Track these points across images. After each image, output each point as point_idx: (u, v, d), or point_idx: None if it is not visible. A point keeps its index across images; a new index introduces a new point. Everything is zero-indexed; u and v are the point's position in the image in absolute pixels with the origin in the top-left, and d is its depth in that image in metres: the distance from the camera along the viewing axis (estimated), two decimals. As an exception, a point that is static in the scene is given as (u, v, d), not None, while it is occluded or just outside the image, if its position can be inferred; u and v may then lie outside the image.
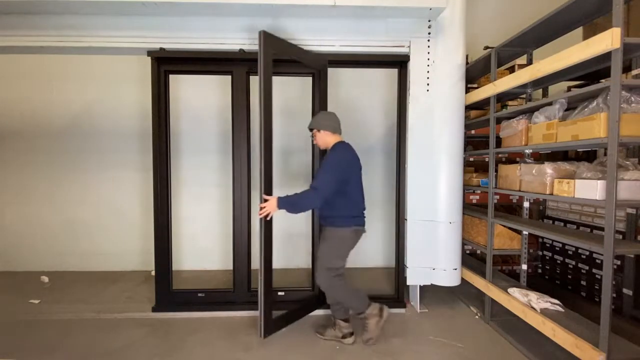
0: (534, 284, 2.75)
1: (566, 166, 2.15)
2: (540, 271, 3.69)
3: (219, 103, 3.91)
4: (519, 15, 3.44)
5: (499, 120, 2.70)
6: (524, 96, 2.93)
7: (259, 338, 2.43)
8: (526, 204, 2.67)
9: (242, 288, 2.89)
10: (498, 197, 3.55)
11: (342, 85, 3.99)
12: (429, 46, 2.79)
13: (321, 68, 2.83)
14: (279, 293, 2.94)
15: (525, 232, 2.63)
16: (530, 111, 2.42)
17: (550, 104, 2.20)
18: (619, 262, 2.73)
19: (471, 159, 3.70)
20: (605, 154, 1.87)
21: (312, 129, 2.47)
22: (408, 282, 2.91)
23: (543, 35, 2.43)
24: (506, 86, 2.49)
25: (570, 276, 3.28)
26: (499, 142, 2.73)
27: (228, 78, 2.94)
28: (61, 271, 3.88)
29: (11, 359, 2.24)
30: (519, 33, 2.41)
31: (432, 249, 2.84)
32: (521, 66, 3.13)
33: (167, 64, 2.82)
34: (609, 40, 1.67)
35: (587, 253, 3.10)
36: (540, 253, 3.68)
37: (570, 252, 3.28)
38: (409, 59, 2.81)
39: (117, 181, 3.95)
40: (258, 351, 2.35)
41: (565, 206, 3.38)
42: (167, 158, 2.88)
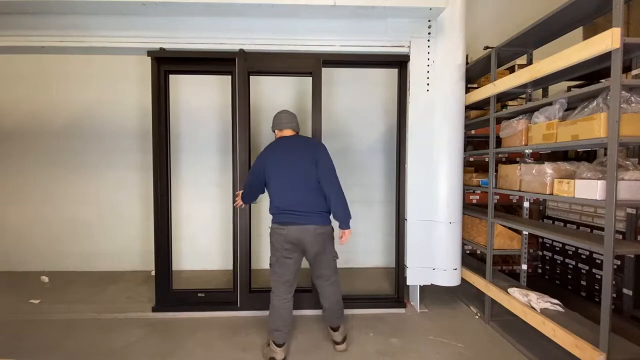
0: (534, 284, 2.75)
1: (566, 166, 2.15)
2: (540, 271, 3.69)
3: (219, 103, 3.92)
4: (519, 15, 3.44)
5: (499, 120, 2.70)
6: (524, 96, 2.93)
7: (259, 338, 2.43)
8: (526, 204, 2.67)
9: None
10: (498, 197, 3.55)
11: (342, 84, 3.99)
12: (429, 46, 2.79)
13: (314, 70, 2.83)
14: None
15: (525, 232, 2.63)
16: (530, 111, 2.42)
17: (550, 104, 2.20)
18: (619, 262, 2.73)
19: (471, 159, 3.70)
20: (605, 154, 1.87)
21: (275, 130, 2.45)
22: (408, 282, 2.91)
23: (543, 35, 2.43)
24: (506, 86, 2.49)
25: (570, 276, 3.28)
26: (499, 142, 2.73)
27: (228, 78, 2.94)
28: (61, 271, 3.88)
29: (11, 359, 2.24)
30: (519, 33, 2.41)
31: (432, 249, 2.84)
32: (521, 66, 3.13)
33: (167, 64, 2.83)
34: (609, 40, 1.67)
35: (587, 253, 3.10)
36: (540, 253, 3.68)
37: (570, 252, 3.28)
38: (409, 59, 2.81)
39: (117, 181, 3.95)
40: (258, 351, 2.35)
41: (565, 206, 3.38)
42: (167, 158, 2.88)
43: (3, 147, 3.91)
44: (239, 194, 2.56)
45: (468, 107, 3.04)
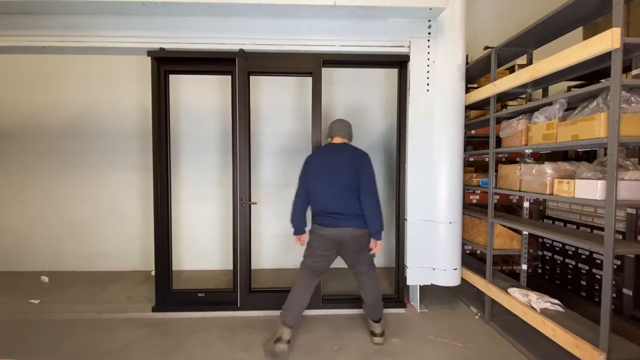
0: (534, 284, 2.75)
1: (566, 166, 2.15)
2: (540, 271, 3.70)
3: (219, 103, 3.92)
4: (519, 15, 3.45)
5: (499, 120, 2.71)
6: (524, 96, 2.93)
7: (260, 338, 2.43)
8: (526, 204, 2.67)
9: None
10: (498, 197, 3.55)
11: (342, 84, 3.99)
12: (429, 46, 2.79)
13: (314, 70, 2.83)
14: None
15: (525, 232, 2.63)
16: (530, 111, 2.42)
17: (550, 104, 2.20)
18: (619, 262, 2.73)
19: (471, 159, 3.70)
20: (605, 154, 1.87)
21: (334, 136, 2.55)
22: (408, 282, 2.91)
23: (543, 35, 2.43)
24: (506, 86, 2.49)
25: (570, 276, 3.29)
26: (499, 142, 2.73)
27: (228, 78, 2.94)
28: (61, 271, 3.88)
29: (11, 359, 2.24)
30: (519, 33, 2.41)
31: (432, 249, 2.84)
32: (521, 66, 3.13)
33: (167, 64, 2.83)
34: (609, 40, 1.67)
35: (587, 253, 3.10)
36: (540, 253, 3.68)
37: (570, 252, 3.28)
38: (409, 59, 2.81)
39: (117, 181, 3.95)
40: (258, 351, 2.35)
41: (565, 206, 3.38)
42: (167, 158, 2.88)
43: (3, 147, 3.91)
44: (296, 238, 2.51)
45: (468, 107, 3.04)
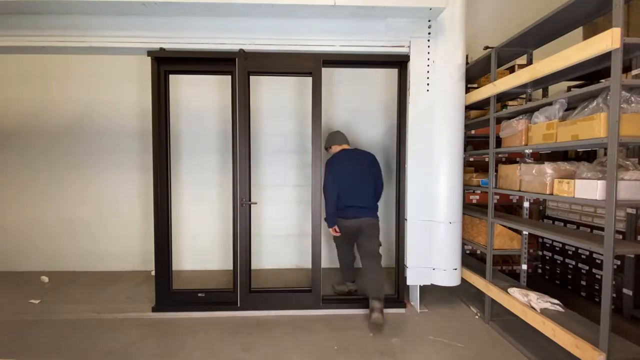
0: (534, 284, 2.75)
1: (566, 166, 2.15)
2: (540, 271, 3.70)
3: (219, 103, 3.91)
4: (519, 15, 3.45)
5: (499, 120, 2.70)
6: (524, 96, 2.93)
7: (260, 338, 2.43)
8: (526, 204, 2.67)
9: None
10: (498, 197, 3.55)
11: (342, 84, 3.99)
12: (429, 46, 2.79)
13: (314, 70, 2.82)
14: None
15: (525, 232, 2.63)
16: (530, 111, 2.42)
17: (550, 104, 2.20)
18: (619, 262, 2.73)
19: (471, 159, 3.70)
20: (605, 154, 1.87)
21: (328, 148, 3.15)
22: (408, 282, 2.91)
23: (543, 35, 2.43)
24: (506, 86, 2.49)
25: (570, 276, 3.29)
26: (499, 142, 2.73)
27: (228, 78, 2.94)
28: (61, 271, 3.89)
29: (11, 359, 2.24)
30: (519, 33, 2.41)
31: (432, 249, 2.84)
32: (521, 66, 3.13)
33: (167, 64, 2.82)
34: (609, 40, 1.67)
35: (587, 253, 3.10)
36: (540, 253, 3.68)
37: (570, 252, 3.28)
38: (409, 59, 2.81)
39: (117, 181, 3.95)
40: (258, 351, 2.35)
41: (565, 206, 3.38)
42: (167, 158, 2.88)
43: (3, 147, 3.91)
44: (332, 230, 3.01)
45: (468, 107, 3.04)
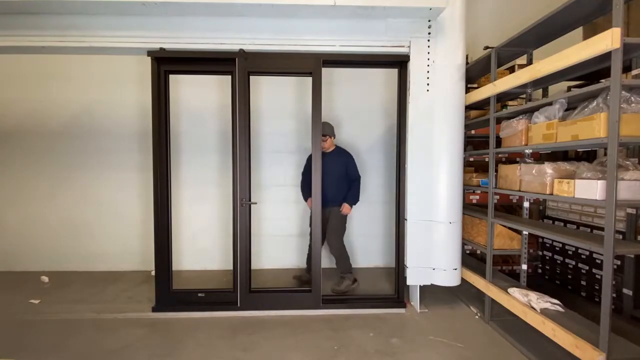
0: (534, 284, 2.75)
1: (566, 166, 2.15)
2: (540, 271, 3.69)
3: (219, 103, 3.92)
4: (519, 15, 3.45)
5: (499, 120, 2.70)
6: (524, 96, 2.93)
7: (260, 338, 2.43)
8: (526, 204, 2.67)
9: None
10: (498, 197, 3.55)
11: (342, 84, 3.99)
12: (429, 46, 2.78)
13: (314, 70, 2.82)
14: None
15: (525, 232, 2.63)
16: (530, 111, 2.42)
17: (550, 104, 2.20)
18: (619, 262, 2.73)
19: (471, 159, 3.70)
20: (605, 154, 1.87)
21: (326, 135, 3.16)
22: (408, 282, 2.91)
23: (543, 35, 2.43)
24: (506, 86, 2.49)
25: (570, 276, 3.28)
26: (499, 142, 2.73)
27: (228, 78, 2.94)
28: (61, 271, 3.88)
29: (11, 359, 2.24)
30: (519, 33, 2.41)
31: (432, 249, 2.84)
32: (521, 66, 3.13)
33: (167, 64, 2.82)
34: (609, 40, 1.67)
35: (587, 253, 3.10)
36: (540, 253, 3.68)
37: (570, 252, 3.28)
38: (409, 59, 2.81)
39: (117, 181, 3.95)
40: (258, 351, 2.35)
41: (565, 206, 3.38)
42: (167, 158, 2.88)
43: (3, 147, 3.91)
44: (346, 206, 3.27)
45: (468, 107, 3.04)
